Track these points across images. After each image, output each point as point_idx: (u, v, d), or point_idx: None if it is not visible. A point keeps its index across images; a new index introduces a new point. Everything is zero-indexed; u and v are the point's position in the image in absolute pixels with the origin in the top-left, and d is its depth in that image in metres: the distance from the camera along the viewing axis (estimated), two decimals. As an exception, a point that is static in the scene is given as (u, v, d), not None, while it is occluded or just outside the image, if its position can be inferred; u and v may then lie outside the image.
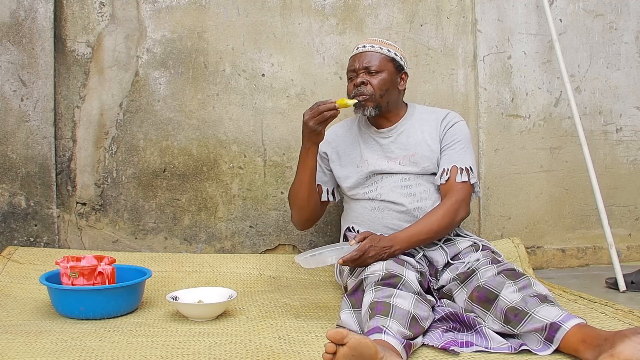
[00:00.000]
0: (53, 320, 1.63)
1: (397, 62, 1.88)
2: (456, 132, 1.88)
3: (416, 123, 1.92)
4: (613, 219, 2.53)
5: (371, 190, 1.88)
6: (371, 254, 1.60)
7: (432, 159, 1.86)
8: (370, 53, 1.86)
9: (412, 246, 1.71)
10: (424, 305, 1.44)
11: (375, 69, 1.84)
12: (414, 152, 1.87)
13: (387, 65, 1.86)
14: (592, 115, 2.57)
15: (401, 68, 1.90)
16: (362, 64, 1.85)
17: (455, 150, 1.86)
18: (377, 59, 1.85)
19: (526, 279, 1.48)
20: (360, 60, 1.86)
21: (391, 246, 1.64)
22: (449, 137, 1.88)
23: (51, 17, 2.19)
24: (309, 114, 1.75)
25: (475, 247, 1.74)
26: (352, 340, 1.14)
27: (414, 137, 1.89)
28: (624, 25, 2.60)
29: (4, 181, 2.17)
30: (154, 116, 2.26)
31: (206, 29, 2.29)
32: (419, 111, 1.96)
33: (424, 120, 1.93)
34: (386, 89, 1.85)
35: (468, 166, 1.83)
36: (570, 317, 1.33)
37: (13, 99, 2.18)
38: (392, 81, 1.87)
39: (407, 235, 1.69)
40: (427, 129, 1.90)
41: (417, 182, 1.85)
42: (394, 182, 1.85)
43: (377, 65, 1.85)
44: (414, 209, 1.82)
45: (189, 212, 2.28)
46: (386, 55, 1.86)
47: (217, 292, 1.77)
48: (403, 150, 1.88)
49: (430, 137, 1.88)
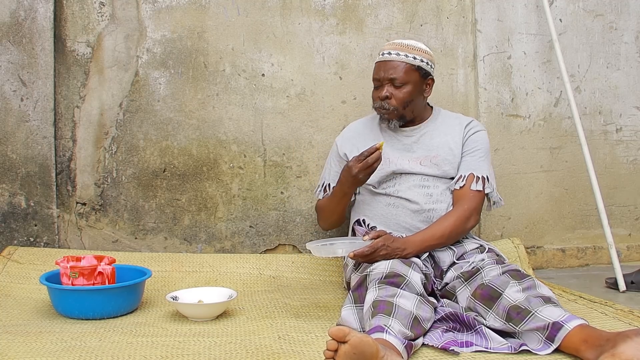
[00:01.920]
0: (53, 320, 1.63)
1: (423, 69, 1.84)
2: (477, 140, 1.88)
3: (440, 126, 1.92)
4: (613, 219, 2.53)
5: (389, 186, 1.87)
6: (382, 253, 1.60)
7: (454, 163, 1.86)
8: (395, 63, 1.82)
9: (423, 251, 1.71)
10: (426, 307, 1.44)
11: (400, 82, 1.81)
12: (436, 154, 1.87)
13: (412, 76, 1.82)
14: (592, 115, 2.57)
15: (427, 75, 1.86)
16: (387, 74, 1.82)
17: (475, 159, 1.86)
18: (402, 69, 1.81)
19: (531, 280, 1.49)
20: (385, 69, 1.82)
21: (404, 249, 1.64)
22: (470, 144, 1.88)
23: (51, 17, 2.19)
24: (358, 167, 1.71)
25: (481, 249, 1.75)
26: (353, 338, 1.14)
27: (437, 139, 1.89)
28: (624, 25, 2.60)
29: (4, 181, 2.17)
30: (154, 116, 2.26)
31: (206, 29, 2.29)
32: (443, 115, 1.96)
33: (447, 124, 1.93)
34: (411, 100, 1.84)
35: (485, 175, 1.83)
36: (572, 317, 1.33)
37: (13, 99, 2.18)
38: (418, 91, 1.85)
39: (420, 240, 1.69)
40: (450, 133, 1.90)
41: (435, 183, 1.85)
42: (413, 181, 1.85)
43: (402, 77, 1.81)
44: (428, 210, 1.82)
45: (189, 212, 2.28)
46: (411, 64, 1.82)
47: (217, 292, 1.77)
48: (425, 150, 1.88)
49: (454, 141, 1.88)
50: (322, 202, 2.00)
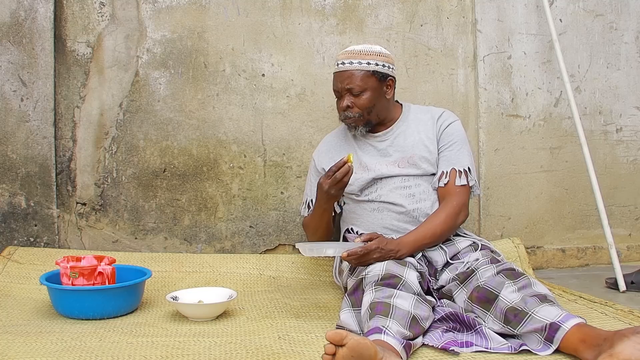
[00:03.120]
0: (53, 320, 1.63)
1: (380, 72, 1.82)
2: (452, 132, 1.88)
3: (412, 124, 1.92)
4: (613, 219, 2.53)
5: (371, 192, 1.88)
6: (375, 256, 1.60)
7: (431, 160, 1.86)
8: (349, 72, 1.81)
9: (417, 250, 1.72)
10: (424, 306, 1.44)
11: (357, 90, 1.80)
12: (412, 154, 1.87)
13: (369, 82, 1.81)
14: (592, 115, 2.57)
15: (385, 77, 1.84)
16: (344, 84, 1.81)
17: (453, 152, 1.86)
18: (357, 78, 1.80)
19: (525, 278, 1.48)
20: (341, 80, 1.82)
21: (397, 250, 1.65)
22: (445, 138, 1.87)
23: (51, 17, 2.19)
24: (328, 183, 1.71)
25: (475, 247, 1.74)
26: (351, 341, 1.14)
27: (411, 138, 1.89)
28: (624, 25, 2.60)
29: (4, 181, 2.17)
30: (154, 116, 2.26)
31: (206, 29, 2.29)
32: (414, 111, 1.96)
33: (419, 120, 1.92)
34: (372, 105, 1.83)
35: (466, 167, 1.84)
36: (569, 316, 1.33)
37: (13, 99, 2.18)
38: (378, 95, 1.84)
39: (413, 240, 1.70)
40: (423, 129, 1.90)
41: (416, 182, 1.86)
42: (394, 184, 1.86)
43: (358, 85, 1.80)
44: (413, 210, 1.83)
45: (189, 212, 2.28)
46: (366, 70, 1.80)
47: (217, 292, 1.77)
48: (401, 152, 1.88)
49: (427, 137, 1.88)
50: (307, 219, 2.02)
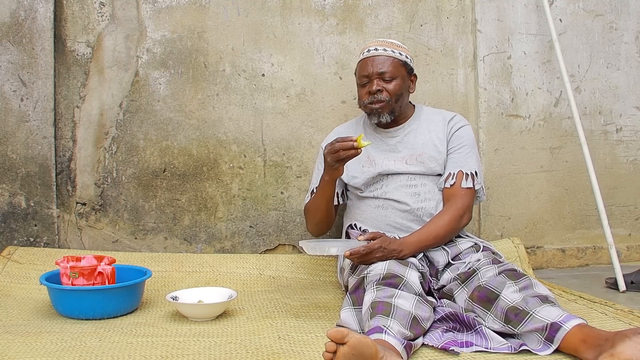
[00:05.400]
0: (53, 320, 1.63)
1: (409, 65, 1.88)
2: (462, 135, 1.89)
3: (423, 123, 1.93)
4: (613, 219, 2.53)
5: (377, 189, 1.88)
6: (378, 255, 1.60)
7: (439, 159, 1.87)
8: (383, 57, 1.84)
9: (419, 251, 1.72)
10: (425, 306, 1.44)
11: (389, 76, 1.83)
12: (421, 152, 1.87)
13: (400, 70, 1.85)
14: (592, 115, 2.57)
15: (411, 71, 1.90)
16: (375, 69, 1.83)
17: (462, 155, 1.86)
18: (390, 63, 1.83)
19: (527, 279, 1.48)
20: (373, 64, 1.84)
21: (400, 250, 1.65)
22: (455, 140, 1.88)
23: (51, 17, 2.19)
24: (327, 148, 1.69)
25: (476, 248, 1.74)
26: (352, 339, 1.14)
27: (421, 137, 1.90)
28: (624, 25, 2.60)
29: (4, 181, 2.17)
30: (154, 116, 2.26)
31: (206, 29, 2.29)
32: (426, 112, 1.97)
33: (430, 121, 1.93)
34: (400, 94, 1.85)
35: (474, 171, 1.85)
36: (570, 317, 1.33)
37: (13, 99, 2.18)
38: (405, 86, 1.87)
39: (416, 241, 1.70)
40: (434, 129, 1.91)
41: (422, 181, 1.86)
42: (400, 181, 1.86)
43: (391, 70, 1.83)
44: (417, 209, 1.83)
45: (189, 212, 2.28)
46: (398, 59, 1.85)
47: (217, 292, 1.77)
48: (410, 149, 1.89)
49: (438, 137, 1.89)
50: (308, 203, 2.01)
